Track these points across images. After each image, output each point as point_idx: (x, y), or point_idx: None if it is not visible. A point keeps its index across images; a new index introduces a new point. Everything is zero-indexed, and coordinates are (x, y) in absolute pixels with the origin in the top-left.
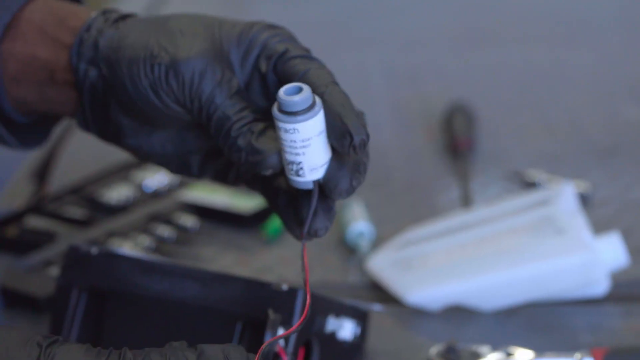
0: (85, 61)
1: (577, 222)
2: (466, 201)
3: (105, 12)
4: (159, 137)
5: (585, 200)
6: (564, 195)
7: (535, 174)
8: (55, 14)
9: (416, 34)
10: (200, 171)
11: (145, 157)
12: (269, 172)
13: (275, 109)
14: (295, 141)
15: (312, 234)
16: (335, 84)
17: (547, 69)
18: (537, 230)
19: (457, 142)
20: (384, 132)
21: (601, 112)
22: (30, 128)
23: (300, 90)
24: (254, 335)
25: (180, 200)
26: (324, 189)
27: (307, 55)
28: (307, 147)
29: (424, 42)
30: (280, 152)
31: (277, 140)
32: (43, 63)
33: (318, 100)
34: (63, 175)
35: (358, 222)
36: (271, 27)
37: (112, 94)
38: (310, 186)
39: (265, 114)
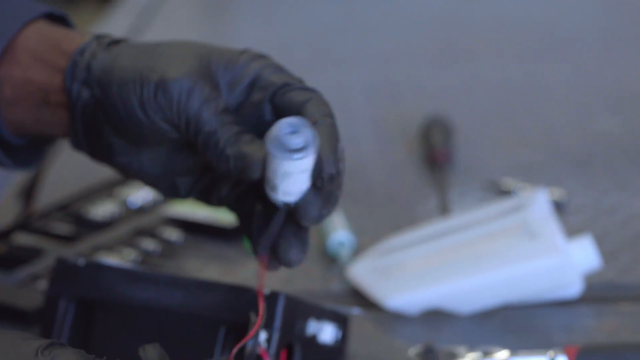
0: (78, 82)
1: (551, 226)
2: (444, 211)
3: (98, 37)
4: (148, 157)
5: (560, 207)
6: (538, 201)
7: (511, 183)
8: (49, 39)
9: (393, 51)
10: (188, 193)
11: (134, 176)
12: (256, 176)
13: (268, 137)
14: (276, 171)
15: (283, 262)
16: (331, 116)
17: (522, 83)
18: (512, 234)
19: (434, 154)
20: (364, 145)
21: (575, 123)
22: (24, 150)
23: (298, 129)
24: (237, 339)
25: (164, 215)
26: (295, 214)
27: (307, 87)
28: (287, 179)
29: (401, 59)
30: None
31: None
32: (38, 86)
33: (313, 140)
34: (49, 194)
35: (338, 232)
36: (261, 56)
37: (104, 114)
38: (281, 203)
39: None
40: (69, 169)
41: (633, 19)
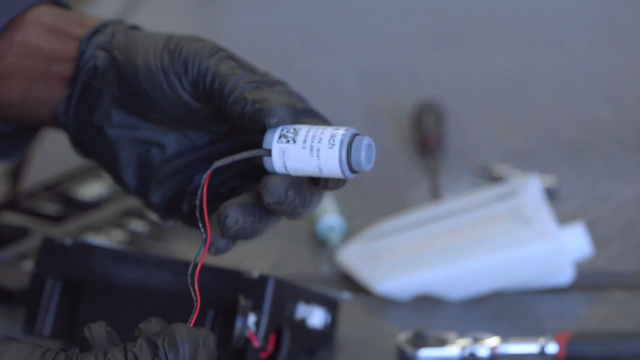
0: (95, 46)
1: (542, 213)
2: (435, 196)
3: (119, 21)
4: (144, 133)
5: (552, 194)
6: (530, 188)
7: (502, 169)
8: (68, 15)
9: (385, 37)
10: (161, 197)
11: (108, 160)
12: (274, 121)
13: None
14: (311, 150)
15: (222, 220)
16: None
17: (515, 70)
18: (503, 220)
19: (426, 139)
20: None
21: (568, 110)
22: (7, 138)
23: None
24: (225, 322)
25: None
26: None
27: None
28: (303, 160)
29: (393, 45)
30: (288, 107)
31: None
32: (45, 54)
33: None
34: (36, 173)
35: (328, 216)
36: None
37: (116, 78)
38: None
39: None
40: (56, 149)
41: (626, 6)
